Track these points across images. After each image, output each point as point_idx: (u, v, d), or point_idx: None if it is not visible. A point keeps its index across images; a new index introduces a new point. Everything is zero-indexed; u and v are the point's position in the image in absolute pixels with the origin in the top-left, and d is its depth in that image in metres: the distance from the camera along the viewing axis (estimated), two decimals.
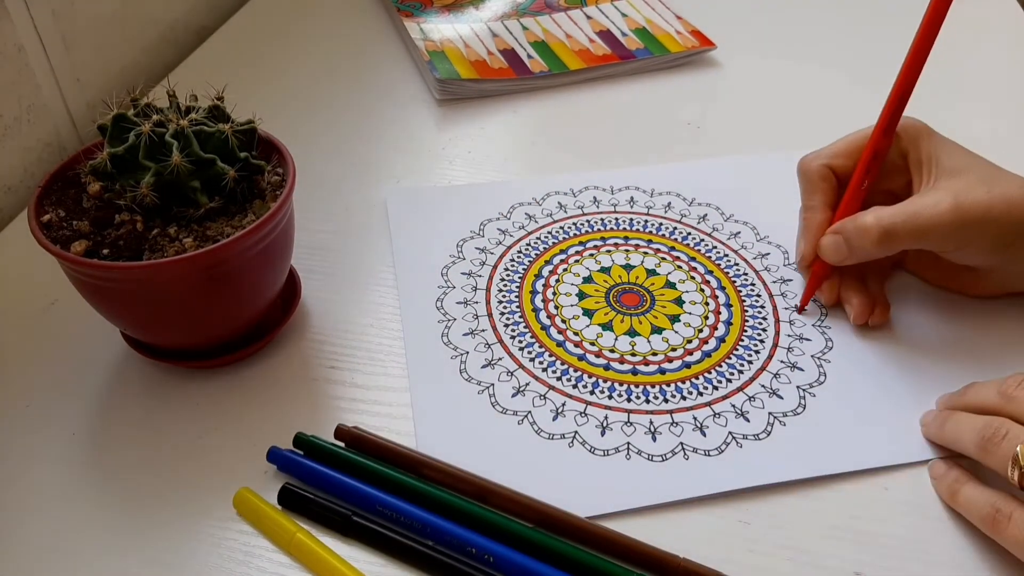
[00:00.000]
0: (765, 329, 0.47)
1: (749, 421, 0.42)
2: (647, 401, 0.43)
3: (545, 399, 0.43)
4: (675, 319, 0.47)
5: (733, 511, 0.38)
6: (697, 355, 0.45)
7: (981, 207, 0.42)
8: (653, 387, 0.44)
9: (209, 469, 0.40)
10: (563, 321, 0.47)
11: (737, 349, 0.46)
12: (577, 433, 0.41)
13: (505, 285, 0.50)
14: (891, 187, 0.47)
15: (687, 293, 0.49)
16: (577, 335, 0.46)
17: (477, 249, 0.52)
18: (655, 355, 0.45)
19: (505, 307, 0.48)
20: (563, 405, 0.43)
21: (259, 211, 0.41)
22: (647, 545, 0.36)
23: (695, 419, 0.42)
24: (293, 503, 0.38)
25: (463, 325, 0.47)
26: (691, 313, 0.48)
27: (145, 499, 0.39)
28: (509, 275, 0.50)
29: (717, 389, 0.44)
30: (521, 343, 0.46)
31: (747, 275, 0.50)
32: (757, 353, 0.46)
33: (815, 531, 0.37)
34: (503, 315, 0.48)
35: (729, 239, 0.53)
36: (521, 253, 0.52)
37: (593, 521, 0.37)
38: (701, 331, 0.47)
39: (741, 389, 0.44)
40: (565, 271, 0.50)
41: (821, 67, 0.70)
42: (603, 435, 0.41)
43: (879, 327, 0.46)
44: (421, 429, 0.42)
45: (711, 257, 0.52)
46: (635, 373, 0.44)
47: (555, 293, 0.49)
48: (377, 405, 0.43)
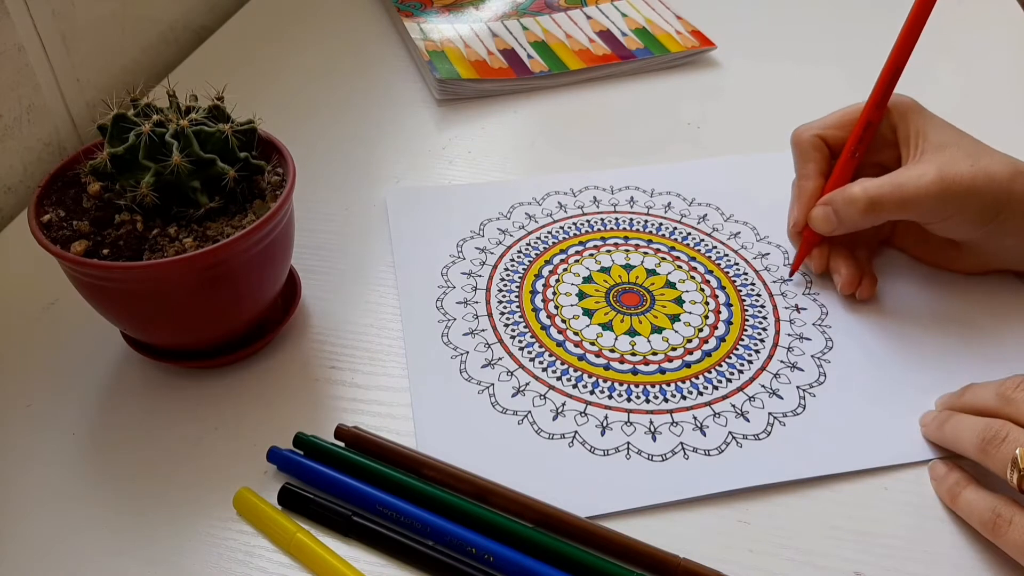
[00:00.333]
0: (765, 329, 0.47)
1: (749, 421, 0.42)
2: (647, 401, 0.43)
3: (545, 399, 0.43)
4: (675, 319, 0.47)
5: (733, 511, 0.38)
6: (697, 355, 0.45)
7: (965, 180, 0.43)
8: (653, 387, 0.44)
9: (209, 469, 0.40)
10: (563, 321, 0.47)
11: (737, 349, 0.46)
12: (577, 433, 0.41)
13: (505, 285, 0.50)
14: (881, 160, 0.48)
15: (687, 293, 0.49)
16: (577, 335, 0.46)
17: (477, 249, 0.52)
18: (655, 355, 0.45)
19: (505, 307, 0.48)
20: (563, 405, 0.43)
21: (259, 211, 0.41)
22: (647, 545, 0.36)
23: (695, 419, 0.42)
24: (293, 503, 0.38)
25: (463, 325, 0.47)
26: (691, 313, 0.48)
27: (145, 499, 0.39)
28: (509, 275, 0.50)
29: (717, 389, 0.44)
30: (521, 343, 0.46)
31: (747, 275, 0.50)
32: (757, 353, 0.46)
33: (815, 531, 0.37)
34: (503, 315, 0.48)
35: (729, 239, 0.53)
36: (521, 253, 0.52)
37: (593, 521, 0.37)
38: (701, 330, 0.47)
39: (741, 389, 0.44)
40: (565, 271, 0.50)
41: (820, 67, 0.70)
42: (603, 435, 0.41)
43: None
44: (421, 429, 0.42)
45: (711, 257, 0.52)
46: (635, 373, 0.44)
47: (555, 293, 0.49)
48: (377, 405, 0.43)
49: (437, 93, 0.67)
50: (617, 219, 0.54)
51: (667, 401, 0.43)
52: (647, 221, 0.54)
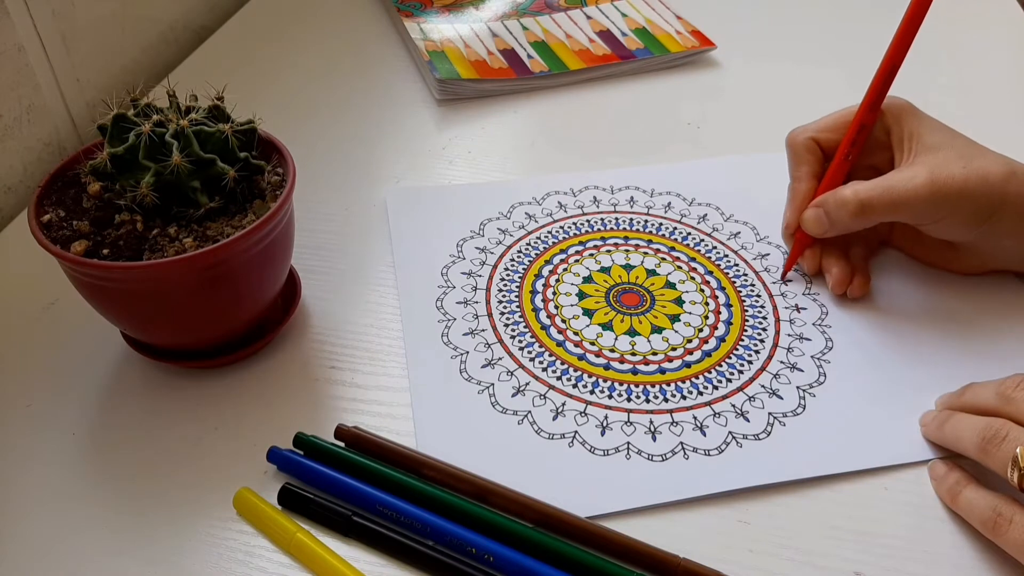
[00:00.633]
0: (765, 329, 0.47)
1: (749, 421, 0.42)
2: (647, 401, 0.43)
3: (545, 399, 0.43)
4: (675, 319, 0.47)
5: (733, 511, 0.38)
6: (697, 354, 0.45)
7: (956, 182, 0.43)
8: (653, 387, 0.44)
9: (209, 469, 0.40)
10: (563, 321, 0.47)
11: (737, 349, 0.46)
12: (577, 433, 0.41)
13: (505, 285, 0.50)
14: (874, 162, 0.48)
15: (687, 293, 0.49)
16: (577, 335, 0.46)
17: (477, 249, 0.52)
18: (655, 355, 0.45)
19: (505, 307, 0.48)
20: (563, 405, 0.43)
21: (259, 211, 0.41)
22: (647, 545, 0.36)
23: (695, 419, 0.42)
24: (293, 503, 0.38)
25: (463, 325, 0.47)
26: (691, 313, 0.48)
27: (145, 499, 0.39)
28: (509, 275, 0.50)
29: (717, 389, 0.44)
30: (521, 343, 0.46)
31: (747, 275, 0.50)
32: (757, 353, 0.46)
33: (815, 531, 0.37)
34: (503, 315, 0.48)
35: (729, 239, 0.53)
36: (521, 253, 0.52)
37: (593, 521, 0.37)
38: (701, 330, 0.47)
39: (741, 389, 0.44)
40: (565, 271, 0.50)
41: (820, 67, 0.70)
42: (603, 435, 0.41)
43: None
44: (421, 429, 0.42)
45: (711, 257, 0.52)
46: (635, 373, 0.44)
47: (555, 293, 0.49)
48: (377, 405, 0.43)
49: (437, 93, 0.67)
50: (617, 219, 0.54)
51: (667, 401, 0.43)
52: (647, 221, 0.54)
